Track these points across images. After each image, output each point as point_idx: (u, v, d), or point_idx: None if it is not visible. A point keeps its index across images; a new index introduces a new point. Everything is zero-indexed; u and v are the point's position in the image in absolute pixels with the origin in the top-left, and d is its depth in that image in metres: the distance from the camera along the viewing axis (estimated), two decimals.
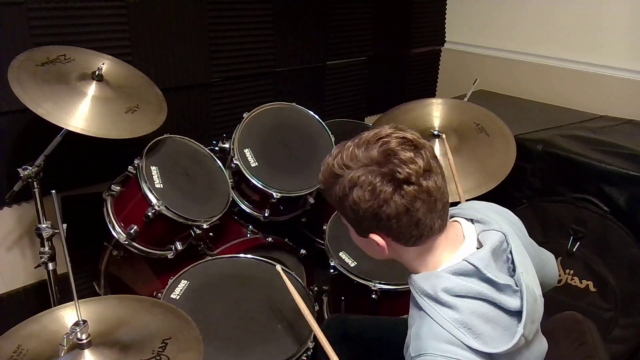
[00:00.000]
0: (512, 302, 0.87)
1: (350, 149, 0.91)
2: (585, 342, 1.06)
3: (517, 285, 0.89)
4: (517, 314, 0.88)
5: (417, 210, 0.88)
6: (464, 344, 0.84)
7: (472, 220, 0.99)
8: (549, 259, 1.17)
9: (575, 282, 1.83)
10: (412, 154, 0.88)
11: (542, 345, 1.00)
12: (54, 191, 0.98)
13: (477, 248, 0.95)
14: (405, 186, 0.87)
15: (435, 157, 0.92)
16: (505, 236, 0.94)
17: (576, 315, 1.13)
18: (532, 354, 0.95)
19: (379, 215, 0.89)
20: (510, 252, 0.93)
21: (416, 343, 0.88)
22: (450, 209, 0.99)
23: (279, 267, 1.32)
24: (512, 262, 0.93)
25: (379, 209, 0.88)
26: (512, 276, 0.91)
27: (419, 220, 0.89)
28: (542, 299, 0.94)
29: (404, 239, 0.92)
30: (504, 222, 0.99)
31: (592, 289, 1.80)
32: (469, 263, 0.89)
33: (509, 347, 0.84)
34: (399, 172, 0.87)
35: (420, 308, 0.91)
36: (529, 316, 0.87)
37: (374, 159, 0.88)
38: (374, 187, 0.87)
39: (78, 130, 1.36)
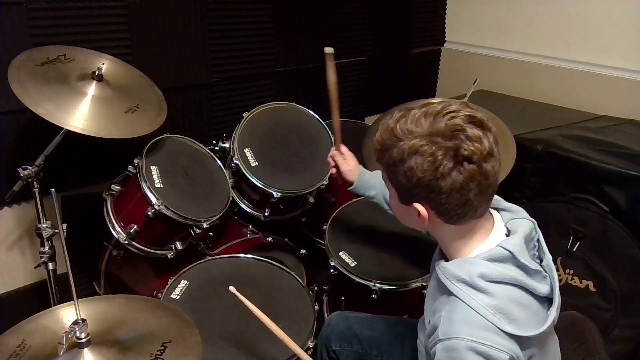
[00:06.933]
0: (542, 287, 0.89)
1: (417, 115, 0.89)
2: (585, 341, 1.06)
3: (545, 272, 0.92)
4: (545, 300, 0.91)
5: (470, 190, 0.88)
6: (499, 329, 0.84)
7: (497, 209, 1.01)
8: None
9: (575, 282, 1.83)
10: (480, 133, 0.87)
11: (556, 339, 1.03)
12: (53, 189, 0.97)
13: (506, 235, 0.96)
14: (466, 164, 0.86)
15: (497, 142, 0.90)
16: (534, 224, 0.97)
17: (576, 315, 1.14)
18: (555, 344, 0.98)
19: (432, 187, 0.88)
20: (538, 240, 0.96)
21: (446, 326, 0.88)
22: None
23: (232, 289, 1.18)
24: (538, 249, 0.96)
25: (434, 180, 0.87)
26: (538, 264, 0.94)
27: (468, 200, 0.89)
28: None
29: (447, 214, 0.92)
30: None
31: (592, 289, 1.80)
32: (504, 249, 0.90)
33: (540, 330, 0.87)
34: (464, 149, 0.86)
35: (451, 293, 0.90)
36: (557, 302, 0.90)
37: (440, 130, 0.86)
38: (435, 159, 0.86)
39: (78, 130, 1.36)
